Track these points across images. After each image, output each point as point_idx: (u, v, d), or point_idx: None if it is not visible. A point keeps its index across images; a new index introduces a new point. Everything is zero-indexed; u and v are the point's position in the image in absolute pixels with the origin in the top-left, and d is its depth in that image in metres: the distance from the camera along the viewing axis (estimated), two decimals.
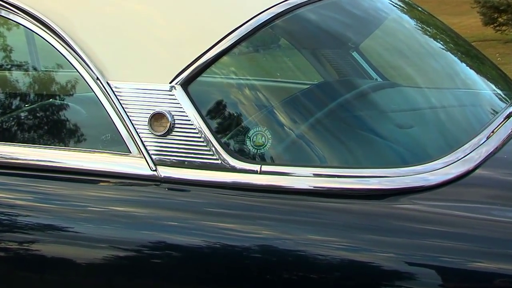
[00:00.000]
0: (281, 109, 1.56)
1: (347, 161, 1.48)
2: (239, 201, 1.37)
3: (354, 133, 1.56)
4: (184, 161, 1.43)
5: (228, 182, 1.39)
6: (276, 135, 1.47)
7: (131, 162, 1.46)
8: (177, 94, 1.43)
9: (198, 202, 1.39)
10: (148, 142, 1.44)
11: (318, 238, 1.26)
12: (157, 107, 1.44)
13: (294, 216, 1.31)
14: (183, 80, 1.43)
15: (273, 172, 1.38)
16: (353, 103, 1.66)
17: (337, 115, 1.60)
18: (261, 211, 1.34)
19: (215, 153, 1.40)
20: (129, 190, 1.47)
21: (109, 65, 1.49)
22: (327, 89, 1.81)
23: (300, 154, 1.49)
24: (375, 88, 1.88)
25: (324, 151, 1.50)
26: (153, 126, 1.44)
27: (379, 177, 1.33)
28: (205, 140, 1.41)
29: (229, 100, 1.56)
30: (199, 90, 1.47)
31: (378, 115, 1.67)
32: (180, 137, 1.43)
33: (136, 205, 1.40)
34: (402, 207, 1.30)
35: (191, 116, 1.42)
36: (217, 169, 1.40)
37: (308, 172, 1.37)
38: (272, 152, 1.45)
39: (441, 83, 1.89)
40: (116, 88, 1.47)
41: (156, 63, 1.48)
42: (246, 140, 1.45)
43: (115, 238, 1.36)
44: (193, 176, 1.42)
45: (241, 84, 1.61)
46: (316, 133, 1.52)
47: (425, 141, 1.57)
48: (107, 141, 1.58)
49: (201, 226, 1.34)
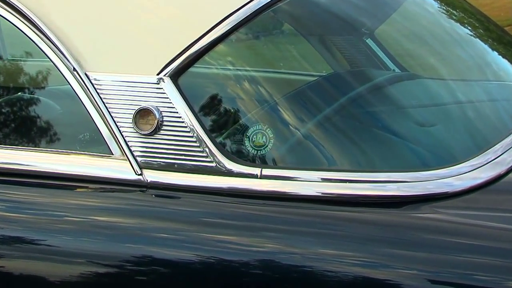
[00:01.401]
0: (285, 104, 1.57)
1: (360, 164, 1.48)
2: (236, 210, 1.38)
3: (368, 132, 1.56)
4: (174, 163, 1.44)
5: (224, 188, 1.40)
6: (279, 134, 1.47)
7: (113, 165, 1.47)
8: (166, 87, 1.43)
9: (190, 211, 1.40)
10: (132, 142, 1.45)
11: (329, 252, 1.27)
12: (142, 102, 1.45)
13: (300, 227, 1.31)
14: (172, 71, 1.44)
15: (276, 177, 1.38)
16: (367, 97, 1.66)
17: (348, 112, 1.60)
18: (262, 221, 1.35)
19: (209, 154, 1.41)
20: (110, 197, 1.47)
21: (88, 53, 1.49)
22: (337, 82, 1.79)
23: (307, 156, 1.49)
24: (392, 80, 1.88)
25: (333, 152, 1.51)
26: (138, 124, 1.45)
27: (397, 182, 1.34)
28: (198, 139, 1.42)
29: (225, 94, 1.56)
30: (191, 83, 1.47)
31: (396, 111, 1.68)
32: (169, 137, 1.44)
33: (119, 214, 1.41)
34: (423, 217, 1.31)
35: (181, 112, 1.43)
36: (211, 173, 1.41)
37: (315, 176, 1.38)
38: (274, 153, 1.45)
39: (468, 75, 1.89)
40: (95, 80, 1.47)
41: (142, 52, 1.49)
42: (245, 140, 1.46)
43: (95, 253, 1.36)
44: (184, 181, 1.42)
45: (238, 75, 1.61)
46: (324, 132, 1.53)
47: (449, 141, 1.58)
48: (86, 141, 1.59)
49: (193, 238, 1.35)
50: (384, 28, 2.09)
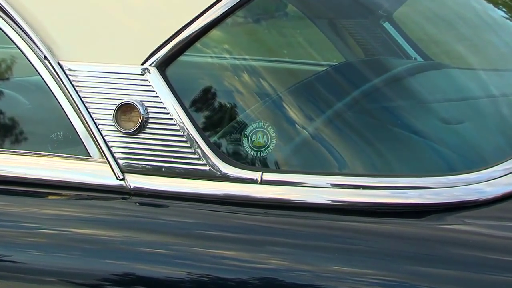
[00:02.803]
0: (289, 98, 1.57)
1: (377, 168, 1.48)
2: (234, 220, 1.39)
3: (386, 131, 1.56)
4: (161, 167, 1.44)
5: (219, 194, 1.40)
6: (282, 133, 1.47)
7: (90, 168, 1.47)
8: (152, 78, 1.43)
9: (180, 222, 1.41)
10: (113, 142, 1.45)
11: (342, 269, 1.26)
12: (125, 96, 1.44)
13: (308, 240, 1.31)
14: (159, 60, 1.44)
15: (278, 182, 1.38)
16: (384, 90, 1.66)
17: (362, 107, 1.59)
18: (264, 233, 1.35)
19: (201, 156, 1.41)
20: (88, 205, 1.48)
21: (61, 39, 1.48)
22: (350, 72, 1.79)
23: (314, 158, 1.49)
24: (413, 70, 1.87)
25: (345, 154, 1.50)
26: (119, 121, 1.45)
27: (420, 188, 1.33)
28: (189, 139, 1.42)
29: (220, 86, 1.56)
30: (181, 74, 1.47)
31: (418, 106, 1.66)
32: (155, 136, 1.44)
33: (98, 225, 1.41)
34: (450, 228, 1.31)
35: (170, 108, 1.42)
36: (204, 178, 1.41)
37: (324, 181, 1.37)
38: (276, 155, 1.46)
39: (502, 64, 1.88)
40: (70, 70, 1.47)
41: (124, 38, 1.48)
42: (243, 139, 1.46)
43: (70, 270, 1.36)
44: (172, 187, 1.43)
45: (236, 65, 1.60)
46: (335, 131, 1.53)
47: (479, 141, 1.57)
48: (59, 141, 1.59)
49: (184, 253, 1.34)
50: (404, 10, 2.09)
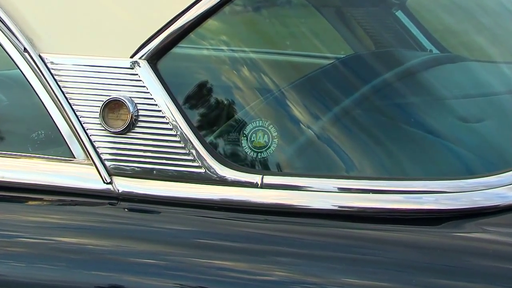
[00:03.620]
0: (292, 94, 1.56)
1: (388, 170, 1.48)
2: (231, 228, 1.39)
3: (398, 130, 1.56)
4: (152, 169, 1.43)
5: (216, 200, 1.40)
6: (285, 132, 1.47)
7: (75, 171, 1.47)
8: (142, 73, 1.43)
9: (173, 230, 1.40)
10: (100, 142, 1.45)
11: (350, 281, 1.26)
12: (112, 92, 1.44)
13: (313, 250, 1.31)
14: (150, 53, 1.44)
15: (280, 186, 1.38)
16: (396, 85, 1.65)
17: (372, 104, 1.59)
18: (264, 241, 1.35)
19: (196, 158, 1.41)
20: (72, 212, 1.48)
21: (42, 30, 1.48)
22: (359, 66, 1.77)
23: (319, 159, 1.49)
24: (428, 63, 1.87)
25: (354, 155, 1.49)
26: (107, 120, 1.45)
27: (436, 193, 1.33)
28: (182, 139, 1.42)
29: (217, 81, 1.56)
30: (174, 68, 1.48)
31: (433, 103, 1.66)
32: (146, 135, 1.44)
33: (84, 233, 1.41)
34: (469, 237, 1.31)
35: (161, 105, 1.42)
36: (199, 181, 1.41)
37: (331, 185, 1.38)
38: (278, 156, 1.46)
39: None
40: (52, 64, 1.47)
41: (111, 29, 1.48)
42: (242, 139, 1.46)
43: (54, 282, 1.35)
44: (164, 191, 1.43)
45: (234, 58, 1.60)
46: (342, 130, 1.53)
47: (501, 141, 1.57)
48: (40, 141, 1.59)
49: (177, 264, 1.34)
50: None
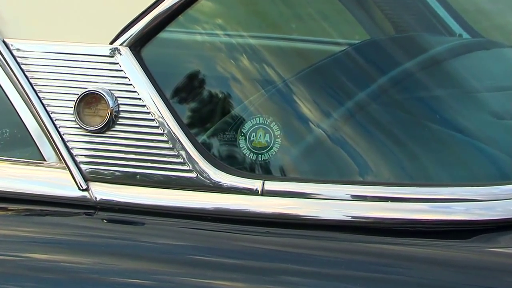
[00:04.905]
0: (298, 86, 1.53)
1: (410, 175, 1.46)
2: (228, 242, 1.37)
3: (421, 128, 1.53)
4: (135, 174, 1.41)
5: (209, 209, 1.38)
6: (290, 130, 1.45)
7: (45, 176, 1.45)
8: (123, 61, 1.41)
9: (159, 244, 1.38)
10: (74, 142, 1.43)
11: None
12: (89, 83, 1.42)
13: (323, 267, 1.29)
14: (133, 38, 1.42)
15: (284, 193, 1.36)
16: (419, 76, 1.62)
17: (391, 98, 1.57)
18: (266, 257, 1.32)
19: (186, 160, 1.38)
20: (43, 223, 1.46)
21: (7, 12, 1.47)
22: (376, 53, 1.73)
23: (330, 162, 1.47)
24: (457, 50, 1.84)
25: (370, 157, 1.47)
26: (83, 116, 1.42)
27: (466, 201, 1.30)
28: (170, 138, 1.39)
29: (210, 71, 1.53)
30: (161, 56, 1.46)
31: (462, 96, 1.64)
32: (127, 134, 1.41)
33: (56, 249, 1.40)
34: (504, 252, 1.30)
35: (146, 99, 1.40)
36: (190, 188, 1.39)
37: (343, 192, 1.35)
38: (282, 159, 1.44)
39: None
40: (18, 51, 1.45)
41: (88, 10, 1.47)
42: (239, 138, 1.43)
43: None
44: (149, 199, 1.41)
45: (230, 45, 1.56)
46: (356, 128, 1.50)
47: None
48: (5, 141, 1.55)
49: (164, 283, 1.32)
50: None
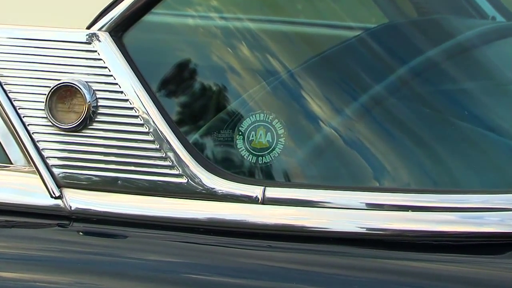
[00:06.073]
0: (305, 78, 1.50)
1: (435, 180, 1.45)
2: (224, 257, 1.36)
3: (447, 126, 1.52)
4: (116, 179, 1.40)
5: (202, 220, 1.37)
6: (295, 128, 1.44)
7: (13, 181, 1.45)
8: (102, 48, 1.41)
9: (144, 260, 1.37)
10: (46, 143, 1.42)
11: None
12: (63, 74, 1.41)
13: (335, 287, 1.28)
14: (113, 22, 1.42)
15: (288, 201, 1.34)
16: (445, 66, 1.61)
17: (413, 91, 1.56)
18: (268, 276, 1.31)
19: (175, 163, 1.37)
20: (10, 236, 1.46)
21: None
22: (395, 39, 1.71)
23: (341, 165, 1.46)
24: (489, 35, 1.84)
25: (387, 160, 1.45)
26: (55, 112, 1.41)
27: (500, 210, 1.28)
28: (157, 138, 1.38)
29: (203, 60, 1.54)
30: (145, 42, 1.47)
31: (495, 89, 1.64)
32: (107, 133, 1.41)
33: (26, 265, 1.39)
34: None
35: (129, 92, 1.39)
36: (180, 195, 1.38)
37: (356, 200, 1.33)
38: (285, 161, 1.42)
39: None
40: None
41: None
42: (237, 138, 1.42)
43: None
44: (132, 208, 1.40)
45: (227, 29, 1.56)
46: (372, 126, 1.48)
47: None
48: None
49: None
50: None
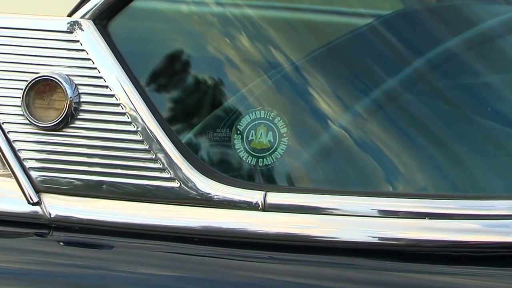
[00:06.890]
0: (311, 71, 1.49)
1: (454, 185, 1.43)
2: (220, 270, 1.34)
3: (468, 124, 1.51)
4: (100, 183, 1.39)
5: (196, 228, 1.35)
6: (299, 127, 1.42)
7: None
8: (85, 38, 1.40)
9: (132, 273, 1.34)
10: (23, 143, 1.42)
11: None
12: (42, 67, 1.41)
13: None
14: (97, 9, 1.41)
15: (292, 208, 1.33)
16: (466, 57, 1.59)
17: (430, 85, 1.54)
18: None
19: (166, 166, 1.36)
20: None
21: None
22: (410, 28, 1.68)
23: (349, 168, 1.44)
24: None
25: (401, 162, 1.44)
26: (33, 109, 1.40)
27: None
28: (146, 137, 1.38)
29: (197, 51, 1.54)
30: (133, 31, 1.47)
31: None
32: (91, 132, 1.39)
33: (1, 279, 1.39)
34: None
35: (115, 86, 1.39)
36: (171, 201, 1.36)
37: (368, 206, 1.32)
38: (288, 164, 1.41)
39: None
40: None
41: None
42: (235, 137, 1.41)
43: None
44: (119, 215, 1.39)
45: (224, 17, 1.54)
46: (384, 124, 1.46)
47: None
48: None
49: None
50: None
